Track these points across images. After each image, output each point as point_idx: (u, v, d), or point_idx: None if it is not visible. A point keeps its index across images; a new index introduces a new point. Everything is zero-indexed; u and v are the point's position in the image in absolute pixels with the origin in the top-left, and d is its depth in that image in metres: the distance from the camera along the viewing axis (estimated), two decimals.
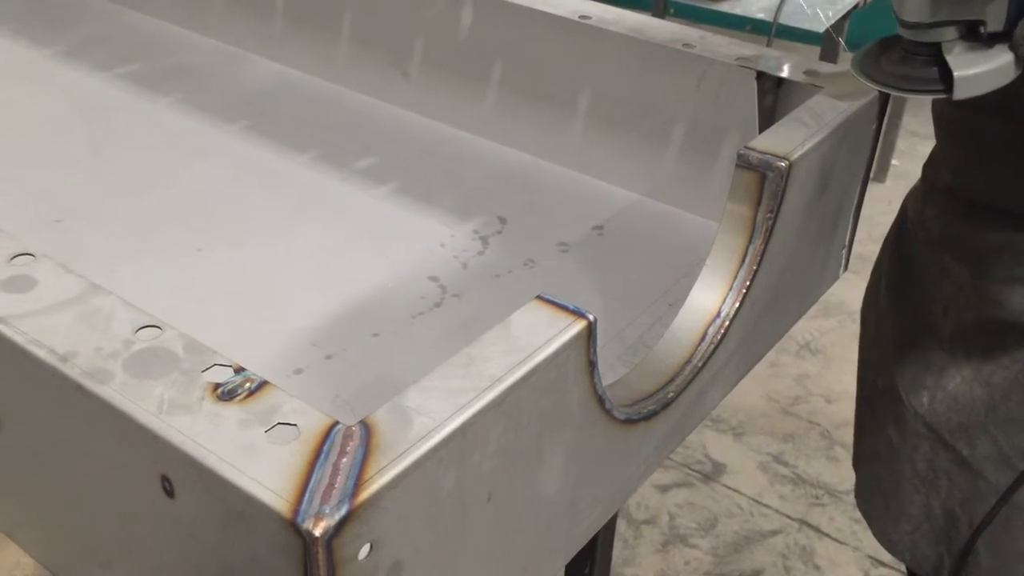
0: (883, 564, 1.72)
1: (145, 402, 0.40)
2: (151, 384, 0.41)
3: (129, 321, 0.45)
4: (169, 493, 0.40)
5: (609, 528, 0.88)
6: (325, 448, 0.39)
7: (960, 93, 0.59)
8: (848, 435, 1.98)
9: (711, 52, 0.76)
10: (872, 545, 1.75)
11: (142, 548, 0.44)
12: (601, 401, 0.50)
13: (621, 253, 0.80)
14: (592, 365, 0.48)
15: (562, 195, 0.87)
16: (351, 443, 0.39)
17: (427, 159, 0.92)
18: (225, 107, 0.99)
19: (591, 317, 0.47)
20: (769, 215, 0.61)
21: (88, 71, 1.05)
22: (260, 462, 0.38)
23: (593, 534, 0.56)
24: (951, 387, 0.73)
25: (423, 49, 0.96)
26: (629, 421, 0.54)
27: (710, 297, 0.62)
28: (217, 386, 0.41)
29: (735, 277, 0.62)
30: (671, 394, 0.58)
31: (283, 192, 0.87)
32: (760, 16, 1.81)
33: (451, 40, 0.93)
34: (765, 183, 0.61)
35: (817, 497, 1.84)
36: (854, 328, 2.50)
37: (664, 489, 1.85)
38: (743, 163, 0.61)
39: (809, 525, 1.78)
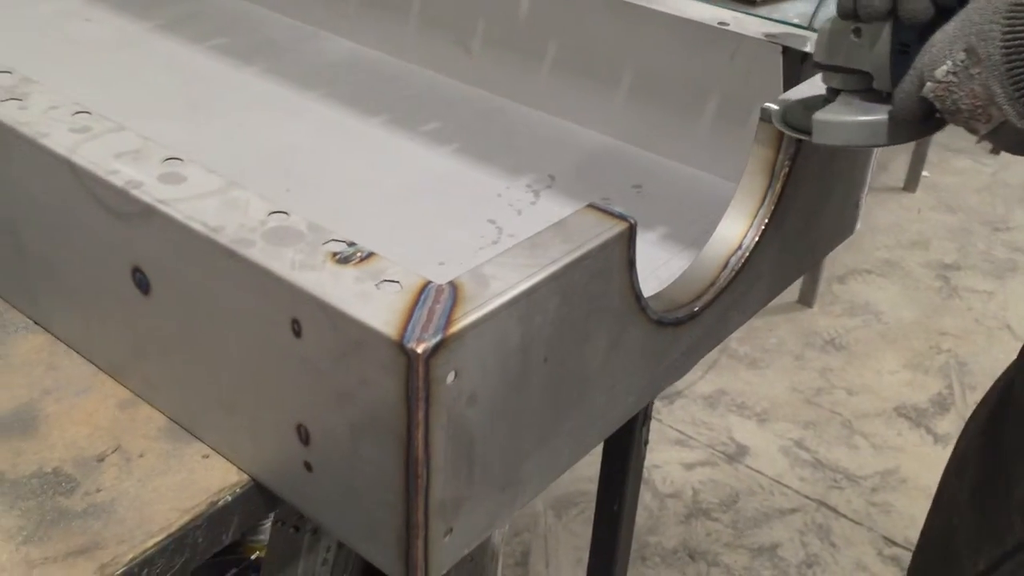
0: (896, 544, 1.80)
1: (281, 262, 0.51)
2: (284, 250, 0.52)
3: (262, 208, 0.56)
4: (297, 333, 0.51)
5: (641, 427, 0.98)
6: (422, 298, 0.49)
7: (817, 136, 0.62)
8: (868, 425, 2.07)
9: (743, 29, 0.87)
10: (886, 526, 1.84)
11: (267, 386, 0.55)
12: (638, 298, 0.61)
13: (657, 207, 0.90)
14: (631, 263, 0.59)
15: (606, 159, 0.98)
16: (442, 295, 0.50)
17: (485, 125, 1.03)
18: (304, 77, 1.10)
19: (632, 220, 0.57)
20: (787, 162, 0.72)
21: (183, 43, 1.17)
22: (374, 304, 0.49)
23: (626, 420, 0.67)
24: None
25: (485, 28, 1.07)
26: (660, 323, 0.65)
27: (734, 231, 0.72)
28: (335, 253, 0.52)
29: (755, 215, 0.73)
30: (696, 308, 0.69)
31: (359, 147, 0.98)
32: (796, 21, 1.91)
33: (511, 20, 1.04)
34: (784, 134, 0.71)
35: (836, 480, 1.93)
36: (879, 327, 2.58)
37: (689, 467, 1.94)
38: (765, 117, 0.72)
39: (827, 506, 1.87)
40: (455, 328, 0.48)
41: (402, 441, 0.49)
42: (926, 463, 1.98)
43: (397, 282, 0.51)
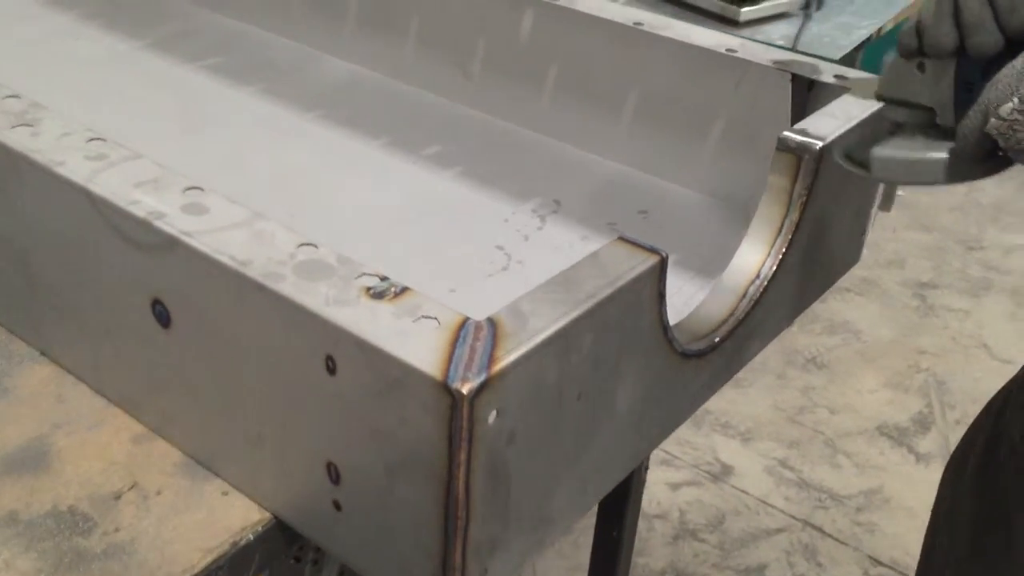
0: (882, 564, 1.81)
1: (314, 297, 0.50)
2: (317, 285, 0.51)
3: (290, 240, 0.55)
4: (331, 370, 0.50)
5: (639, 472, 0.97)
6: (462, 335, 0.49)
7: (877, 173, 0.61)
8: (851, 444, 2.08)
9: (751, 56, 0.87)
10: (871, 546, 1.85)
11: (295, 422, 0.54)
12: (665, 330, 0.60)
13: (664, 234, 0.90)
14: (662, 296, 0.58)
15: (610, 184, 0.97)
16: (482, 332, 0.49)
17: (486, 149, 1.02)
18: (302, 98, 1.09)
19: (664, 254, 0.57)
20: (804, 191, 0.71)
21: (177, 62, 1.15)
22: (414, 342, 0.48)
23: (649, 453, 0.66)
24: None
25: (484, 51, 1.06)
26: (684, 354, 0.64)
27: (751, 260, 0.72)
28: (369, 288, 0.51)
29: (773, 244, 0.72)
30: (717, 339, 0.68)
31: (361, 170, 0.97)
32: (780, 43, 1.92)
33: (512, 43, 1.03)
34: (802, 163, 0.71)
35: (820, 500, 1.93)
36: (858, 345, 2.59)
37: (675, 487, 1.94)
38: (783, 147, 0.72)
39: (812, 526, 1.87)
40: (498, 367, 0.47)
41: (442, 482, 0.48)
42: (909, 482, 1.99)
43: (435, 318, 0.50)
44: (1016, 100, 0.52)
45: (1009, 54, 0.55)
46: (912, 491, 1.97)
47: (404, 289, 0.52)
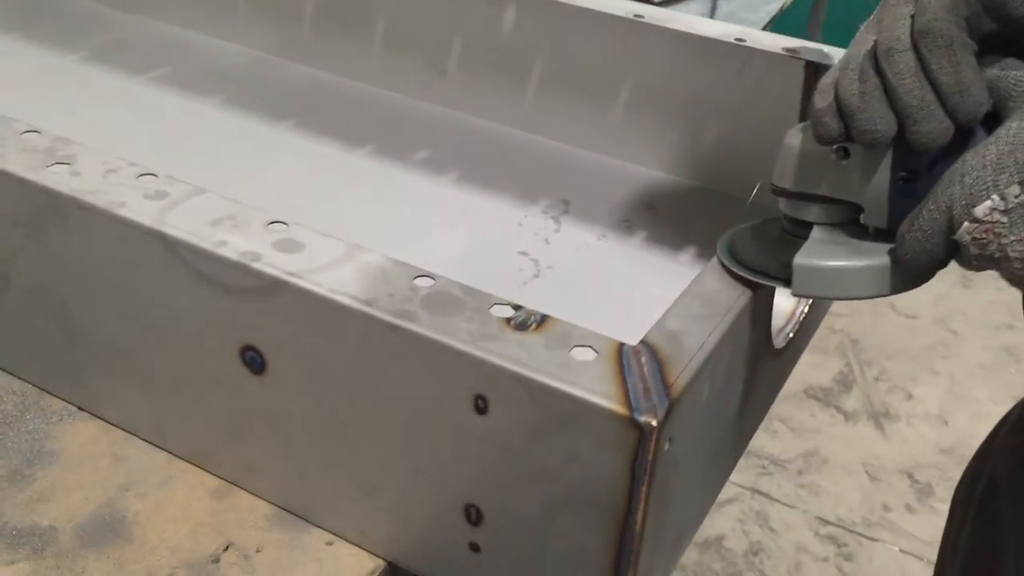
0: (829, 523, 1.87)
1: (457, 334, 0.47)
2: (454, 320, 0.48)
3: (403, 273, 0.51)
4: (481, 411, 0.47)
5: None
6: (625, 362, 0.46)
7: (799, 287, 0.49)
8: (783, 409, 2.13)
9: (758, 44, 0.87)
10: (818, 507, 1.90)
11: (427, 466, 0.51)
12: (769, 332, 0.60)
13: (678, 227, 0.89)
14: (771, 299, 0.57)
15: (611, 179, 0.96)
16: (643, 358, 0.47)
17: (475, 151, 0.99)
18: (269, 108, 1.03)
19: None
20: None
21: (123, 74, 1.08)
22: (581, 375, 0.45)
23: (739, 459, 0.66)
24: None
25: (462, 48, 1.03)
26: (773, 353, 0.64)
27: None
28: (509, 319, 0.49)
29: None
30: (791, 334, 0.68)
31: (355, 182, 0.93)
32: None
33: (492, 39, 1.00)
34: None
35: (763, 467, 1.98)
36: None
37: None
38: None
39: (760, 492, 1.92)
40: (675, 393, 0.45)
41: (618, 518, 0.46)
42: (842, 440, 2.06)
43: (590, 347, 0.47)
44: (996, 198, 0.42)
45: (957, 139, 0.45)
46: (846, 449, 2.04)
47: (544, 317, 0.49)
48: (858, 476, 1.98)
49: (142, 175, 0.58)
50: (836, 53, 0.86)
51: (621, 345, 0.48)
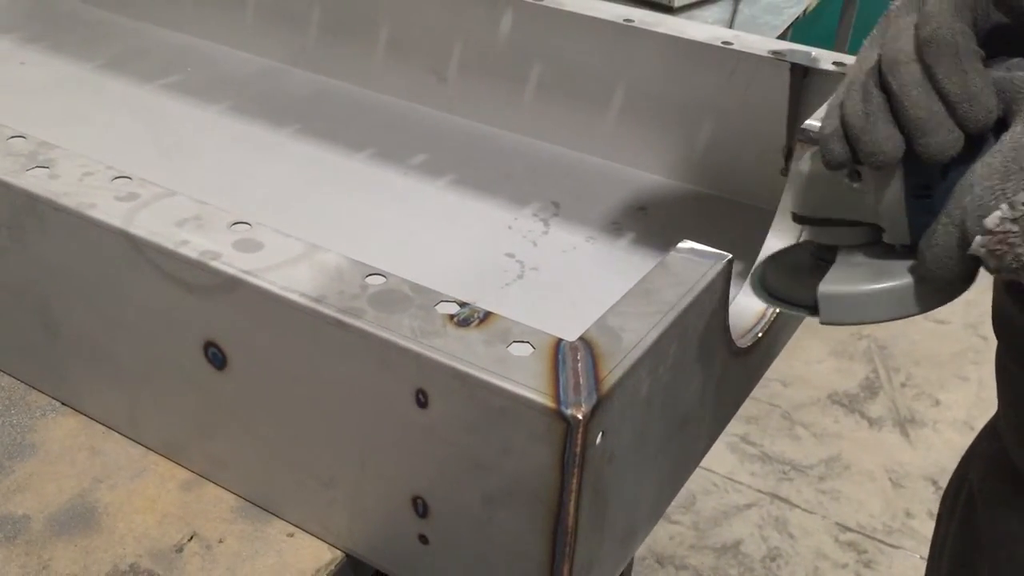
0: (850, 530, 1.85)
1: (400, 330, 0.49)
2: (399, 317, 0.50)
3: (356, 271, 0.53)
4: (422, 404, 0.49)
5: None
6: (560, 357, 0.48)
7: (827, 315, 0.48)
8: (806, 415, 2.12)
9: (745, 47, 0.87)
10: (839, 514, 1.89)
11: (376, 459, 0.52)
12: (726, 330, 0.60)
13: (669, 229, 0.90)
14: (726, 298, 0.58)
15: (603, 182, 0.97)
16: (579, 353, 0.48)
17: (472, 155, 1.01)
18: (273, 114, 1.06)
19: (729, 255, 0.56)
20: None
21: (135, 82, 1.11)
22: (514, 369, 0.47)
23: (702, 458, 0.66)
24: None
25: (460, 54, 1.05)
26: (736, 352, 0.64)
27: None
28: (452, 316, 0.50)
29: (799, 235, 0.73)
30: (760, 333, 0.69)
31: (352, 185, 0.95)
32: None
33: (489, 44, 1.02)
34: None
35: (784, 472, 1.97)
36: (806, 320, 2.64)
37: None
38: (803, 137, 0.72)
39: (779, 498, 1.91)
40: (605, 387, 0.46)
41: (551, 509, 0.47)
42: (865, 447, 2.04)
43: (527, 342, 0.48)
44: (1005, 207, 0.41)
45: (968, 148, 0.44)
46: (869, 455, 2.02)
47: (487, 314, 0.50)
48: (881, 482, 1.97)
49: (116, 178, 0.60)
50: (824, 55, 0.86)
51: (559, 341, 0.49)
